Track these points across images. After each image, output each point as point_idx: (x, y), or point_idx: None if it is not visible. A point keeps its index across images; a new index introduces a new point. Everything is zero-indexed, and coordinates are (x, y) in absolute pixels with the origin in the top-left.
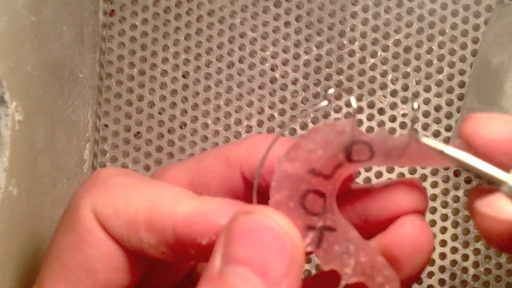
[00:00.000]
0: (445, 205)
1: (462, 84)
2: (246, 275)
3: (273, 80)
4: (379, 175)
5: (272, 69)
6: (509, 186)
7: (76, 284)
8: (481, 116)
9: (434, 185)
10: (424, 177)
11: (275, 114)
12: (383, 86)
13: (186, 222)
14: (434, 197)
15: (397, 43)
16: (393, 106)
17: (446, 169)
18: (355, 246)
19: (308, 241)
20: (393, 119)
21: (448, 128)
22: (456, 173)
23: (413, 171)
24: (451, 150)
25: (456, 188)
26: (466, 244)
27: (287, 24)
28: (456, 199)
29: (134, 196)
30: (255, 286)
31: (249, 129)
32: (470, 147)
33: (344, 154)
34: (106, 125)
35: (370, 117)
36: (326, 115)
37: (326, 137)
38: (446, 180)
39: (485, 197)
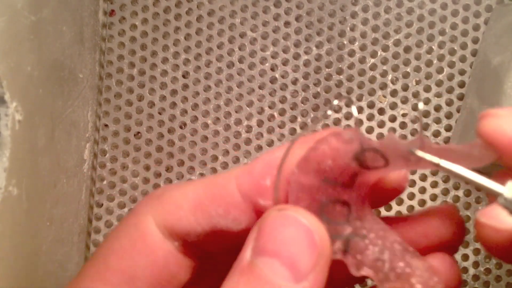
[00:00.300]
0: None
1: (462, 84)
2: (275, 266)
3: (273, 80)
4: None
5: (272, 69)
6: (505, 198)
7: None
8: (503, 113)
9: (434, 185)
10: (424, 177)
11: (275, 114)
12: (383, 86)
13: (246, 180)
14: (434, 197)
15: (397, 43)
16: (393, 106)
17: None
18: (391, 253)
19: (334, 248)
20: (393, 119)
21: (448, 128)
22: None
23: (413, 171)
24: (446, 163)
25: (456, 188)
26: (466, 244)
27: (287, 24)
28: (456, 199)
29: (190, 187)
30: (283, 277)
31: (249, 129)
32: (490, 146)
33: (357, 162)
34: (106, 125)
35: (370, 117)
36: (326, 115)
37: (334, 147)
38: (446, 180)
39: (486, 207)
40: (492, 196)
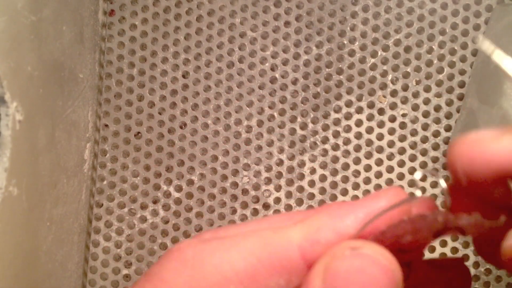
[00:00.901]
0: (445, 205)
1: (462, 84)
2: None
3: (273, 80)
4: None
5: (272, 69)
6: None
7: None
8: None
9: (434, 185)
10: (423, 178)
11: (275, 114)
12: (383, 86)
13: (311, 242)
14: (434, 197)
15: (397, 42)
16: (393, 106)
17: (445, 169)
18: None
19: None
20: (393, 119)
21: (448, 128)
22: None
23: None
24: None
25: None
26: (466, 245)
27: (287, 23)
28: None
29: (236, 253)
30: None
31: (249, 129)
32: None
33: (434, 236)
34: (106, 125)
35: (370, 117)
36: (326, 115)
37: (417, 226)
38: (446, 180)
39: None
40: None
